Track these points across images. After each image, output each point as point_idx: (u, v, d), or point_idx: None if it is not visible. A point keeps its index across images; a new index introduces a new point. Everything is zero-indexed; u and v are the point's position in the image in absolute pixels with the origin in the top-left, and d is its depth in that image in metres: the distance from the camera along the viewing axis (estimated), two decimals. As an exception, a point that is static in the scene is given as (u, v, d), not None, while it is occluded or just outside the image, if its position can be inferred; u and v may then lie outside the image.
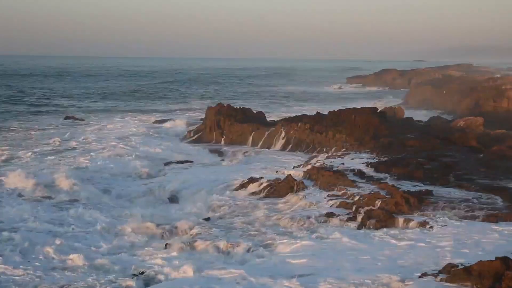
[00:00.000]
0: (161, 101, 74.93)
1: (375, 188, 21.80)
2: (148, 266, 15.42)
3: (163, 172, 29.21)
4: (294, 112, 50.64)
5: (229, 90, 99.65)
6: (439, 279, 13.27)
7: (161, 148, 35.49)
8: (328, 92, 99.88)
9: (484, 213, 18.57)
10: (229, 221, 20.13)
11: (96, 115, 56.13)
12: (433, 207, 19.52)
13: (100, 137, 40.10)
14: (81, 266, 15.72)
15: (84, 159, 31.13)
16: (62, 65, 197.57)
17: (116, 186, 26.15)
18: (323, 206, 20.72)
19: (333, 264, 14.97)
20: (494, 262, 13.09)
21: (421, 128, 36.86)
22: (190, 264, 15.12)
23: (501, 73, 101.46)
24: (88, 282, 14.52)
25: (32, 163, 29.96)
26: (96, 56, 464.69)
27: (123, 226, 19.37)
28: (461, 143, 29.85)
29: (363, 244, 16.66)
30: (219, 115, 38.40)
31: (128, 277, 14.75)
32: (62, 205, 22.24)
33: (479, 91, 51.40)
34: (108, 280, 14.59)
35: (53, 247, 16.82)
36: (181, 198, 23.80)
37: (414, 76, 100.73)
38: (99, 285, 14.33)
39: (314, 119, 36.40)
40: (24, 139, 39.07)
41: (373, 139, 31.39)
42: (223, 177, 26.15)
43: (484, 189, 21.35)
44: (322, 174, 23.69)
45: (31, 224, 19.12)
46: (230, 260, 16.27)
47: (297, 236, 17.81)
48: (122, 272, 15.25)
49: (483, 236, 16.82)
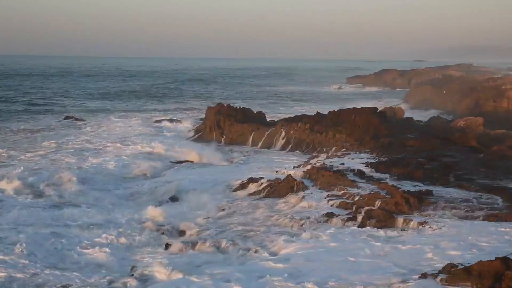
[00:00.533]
0: (161, 101, 75.02)
1: (375, 188, 21.80)
2: (147, 265, 15.42)
3: (163, 172, 29.20)
4: (294, 112, 50.60)
5: (230, 90, 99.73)
6: (439, 280, 13.27)
7: (162, 148, 35.50)
8: (328, 92, 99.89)
9: (484, 213, 18.57)
10: (229, 221, 20.13)
11: (96, 114, 56.12)
12: (433, 207, 19.52)
13: (100, 136, 40.10)
14: (82, 266, 15.73)
15: (84, 159, 31.13)
16: (61, 65, 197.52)
17: (116, 186, 26.17)
18: (323, 206, 20.72)
19: (333, 264, 14.97)
20: (494, 262, 13.09)
21: (421, 128, 36.89)
22: (190, 264, 15.13)
23: (501, 73, 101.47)
24: (88, 282, 14.52)
25: (32, 163, 29.94)
26: (96, 56, 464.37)
27: (123, 226, 19.37)
28: (461, 143, 29.87)
29: (363, 244, 16.65)
30: (219, 115, 38.41)
31: (127, 276, 14.75)
32: (62, 205, 22.24)
33: (479, 91, 51.41)
34: (107, 280, 14.58)
35: (53, 247, 16.83)
36: (181, 198, 23.80)
37: (414, 76, 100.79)
38: (99, 285, 14.33)
39: (314, 119, 36.42)
40: (24, 139, 39.05)
41: (373, 139, 31.40)
42: (223, 177, 26.16)
43: (484, 189, 21.36)
44: (322, 174, 23.69)
45: (32, 224, 19.12)
46: (229, 260, 16.28)
47: (297, 236, 17.80)
48: (121, 272, 15.26)
49: (482, 236, 16.84)
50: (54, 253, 16.57)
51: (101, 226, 19.24)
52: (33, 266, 15.49)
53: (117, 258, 16.46)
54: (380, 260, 15.17)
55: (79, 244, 17.43)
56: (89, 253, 16.81)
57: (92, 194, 24.01)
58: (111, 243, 17.75)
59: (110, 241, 17.94)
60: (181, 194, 24.13)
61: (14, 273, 14.87)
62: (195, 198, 23.05)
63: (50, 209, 21.50)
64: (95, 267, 15.75)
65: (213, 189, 24.43)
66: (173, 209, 22.06)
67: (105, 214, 20.88)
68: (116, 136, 39.93)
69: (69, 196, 23.54)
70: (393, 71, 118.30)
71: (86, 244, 17.49)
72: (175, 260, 15.85)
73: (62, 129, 44.69)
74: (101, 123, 48.73)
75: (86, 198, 23.44)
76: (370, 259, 15.20)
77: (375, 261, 15.06)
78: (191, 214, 21.14)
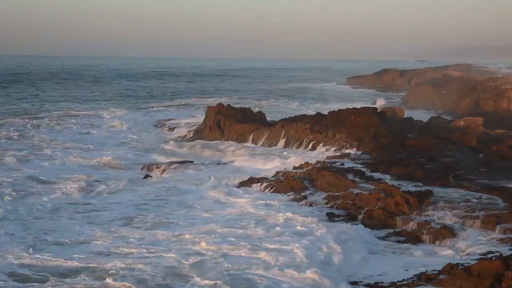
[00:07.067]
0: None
1: (375, 188, 21.82)
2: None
3: (164, 172, 29.11)
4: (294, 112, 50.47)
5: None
6: (439, 279, 13.29)
7: (162, 149, 35.54)
8: (328, 92, 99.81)
9: (484, 213, 18.59)
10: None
11: (96, 114, 55.84)
12: (433, 207, 19.54)
13: (100, 136, 40.09)
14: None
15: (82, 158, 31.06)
16: (62, 65, 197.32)
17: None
18: (323, 207, 20.73)
19: (333, 265, 15.01)
20: (494, 262, 13.12)
21: (421, 128, 36.91)
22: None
23: (501, 73, 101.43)
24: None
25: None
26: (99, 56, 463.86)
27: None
28: (461, 143, 29.90)
29: (363, 244, 16.68)
30: (219, 115, 38.40)
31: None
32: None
33: (479, 91, 51.43)
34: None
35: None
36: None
37: (414, 76, 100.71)
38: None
39: (314, 119, 36.43)
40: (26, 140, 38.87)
41: (373, 139, 31.43)
42: (223, 177, 26.15)
43: (484, 189, 21.38)
44: (322, 174, 23.70)
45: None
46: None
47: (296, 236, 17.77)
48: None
49: (482, 236, 16.88)
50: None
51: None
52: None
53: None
54: (381, 259, 15.16)
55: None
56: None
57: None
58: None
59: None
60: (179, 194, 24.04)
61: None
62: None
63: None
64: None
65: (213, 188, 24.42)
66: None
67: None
68: (117, 136, 39.87)
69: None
70: (393, 71, 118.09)
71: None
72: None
73: (61, 130, 44.27)
74: (101, 123, 48.42)
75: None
76: (370, 259, 15.18)
77: (375, 261, 15.07)
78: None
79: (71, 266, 14.55)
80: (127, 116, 49.64)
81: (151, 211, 20.48)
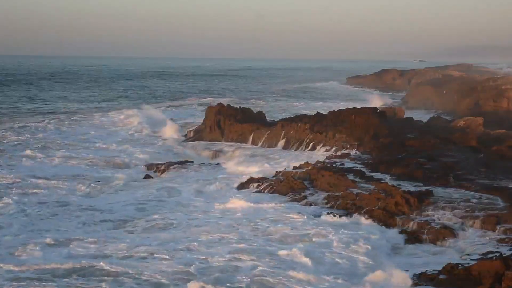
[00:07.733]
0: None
1: (375, 188, 21.81)
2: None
3: (164, 172, 29.13)
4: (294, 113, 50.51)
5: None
6: (439, 279, 13.29)
7: (162, 149, 35.55)
8: (328, 92, 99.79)
9: (484, 213, 18.58)
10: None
11: (96, 114, 55.81)
12: (433, 207, 19.53)
13: (99, 136, 40.06)
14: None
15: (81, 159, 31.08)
16: (62, 65, 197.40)
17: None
18: (323, 207, 20.72)
19: (333, 265, 15.01)
20: (494, 262, 13.12)
21: (421, 128, 36.89)
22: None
23: (501, 73, 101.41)
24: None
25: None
26: (99, 56, 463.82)
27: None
28: (461, 143, 29.88)
29: (362, 244, 16.66)
30: (219, 115, 38.38)
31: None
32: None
33: (479, 91, 51.41)
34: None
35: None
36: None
37: (414, 76, 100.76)
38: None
39: (314, 119, 36.41)
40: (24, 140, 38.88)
41: (373, 139, 31.41)
42: (223, 177, 26.17)
43: (484, 189, 21.37)
44: (322, 174, 23.69)
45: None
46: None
47: (296, 236, 17.77)
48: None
49: (482, 236, 16.86)
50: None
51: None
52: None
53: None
54: (381, 260, 15.17)
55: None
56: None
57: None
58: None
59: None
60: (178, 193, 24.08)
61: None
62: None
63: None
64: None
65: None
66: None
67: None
68: (117, 136, 39.84)
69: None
70: (393, 71, 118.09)
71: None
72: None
73: (61, 129, 44.26)
74: (101, 122, 48.43)
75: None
76: (370, 259, 15.19)
77: (375, 261, 15.08)
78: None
79: (68, 266, 14.53)
80: (127, 116, 49.58)
81: (150, 211, 20.51)
